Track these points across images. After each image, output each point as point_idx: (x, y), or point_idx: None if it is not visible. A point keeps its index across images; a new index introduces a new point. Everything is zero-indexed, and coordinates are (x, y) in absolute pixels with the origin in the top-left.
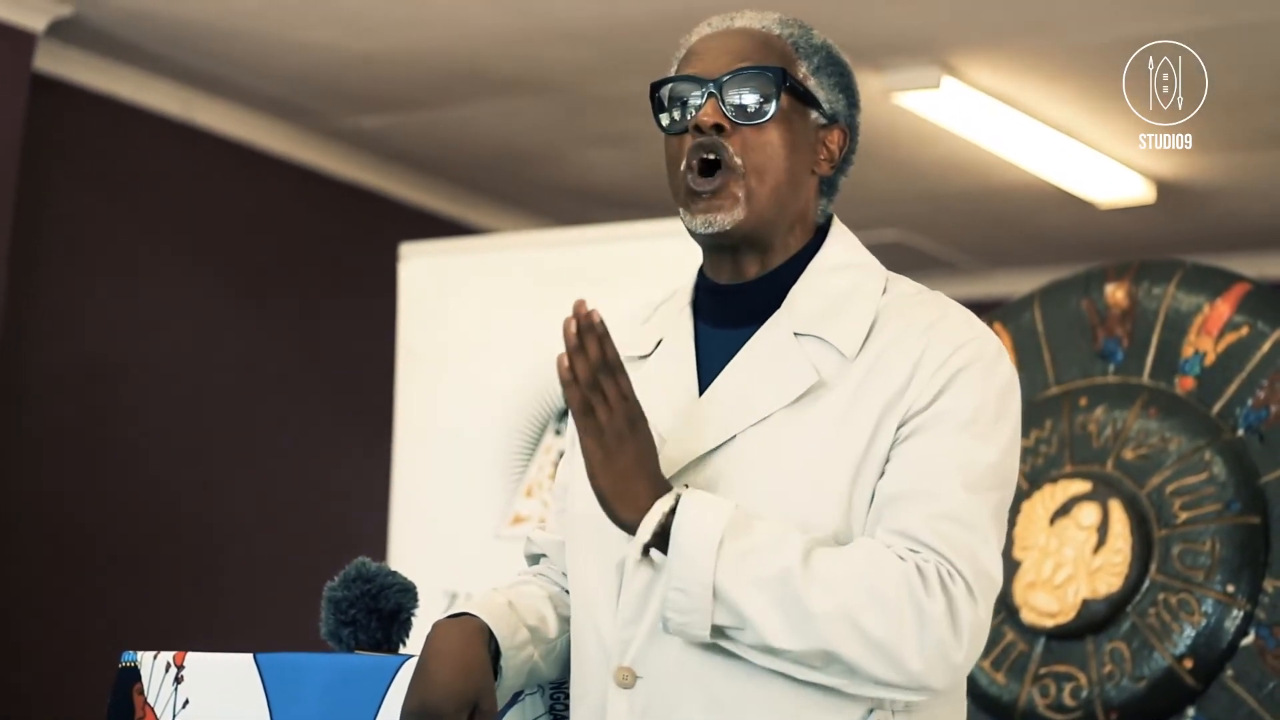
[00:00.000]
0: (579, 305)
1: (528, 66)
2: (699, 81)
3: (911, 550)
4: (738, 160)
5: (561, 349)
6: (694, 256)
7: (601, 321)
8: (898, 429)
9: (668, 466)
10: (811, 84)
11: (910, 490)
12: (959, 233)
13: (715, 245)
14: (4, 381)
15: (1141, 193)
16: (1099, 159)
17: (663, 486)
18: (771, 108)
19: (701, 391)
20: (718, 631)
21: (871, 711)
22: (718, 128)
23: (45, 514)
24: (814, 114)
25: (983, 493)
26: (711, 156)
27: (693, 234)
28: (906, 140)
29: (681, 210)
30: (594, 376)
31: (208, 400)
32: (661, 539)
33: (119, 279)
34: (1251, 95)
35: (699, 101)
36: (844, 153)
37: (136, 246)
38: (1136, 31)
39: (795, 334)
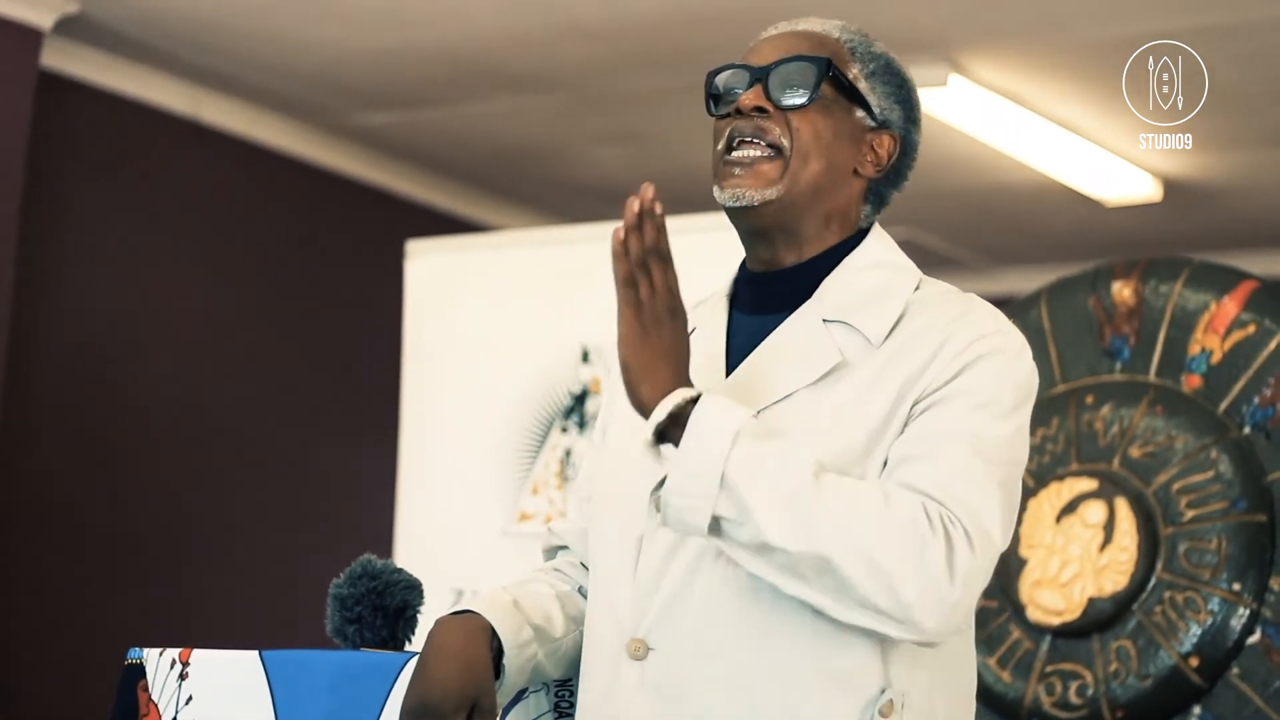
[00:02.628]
0: (645, 189)
1: (535, 64)
2: (748, 69)
3: (917, 496)
4: (784, 141)
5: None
6: (701, 254)
7: (663, 214)
8: (913, 406)
9: None
10: (863, 85)
11: (921, 454)
12: (966, 230)
13: (744, 225)
14: (10, 377)
15: (1148, 191)
16: (1106, 157)
17: (687, 381)
18: (812, 93)
19: (729, 374)
20: (715, 525)
21: (883, 691)
22: (759, 110)
23: (51, 510)
24: (860, 112)
25: (992, 462)
26: (749, 137)
27: (726, 212)
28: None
29: (715, 188)
30: (644, 257)
31: (214, 396)
32: (674, 431)
33: (126, 276)
34: (1259, 92)
35: (744, 89)
36: (894, 161)
37: (143, 243)
38: (1145, 29)
39: (824, 320)
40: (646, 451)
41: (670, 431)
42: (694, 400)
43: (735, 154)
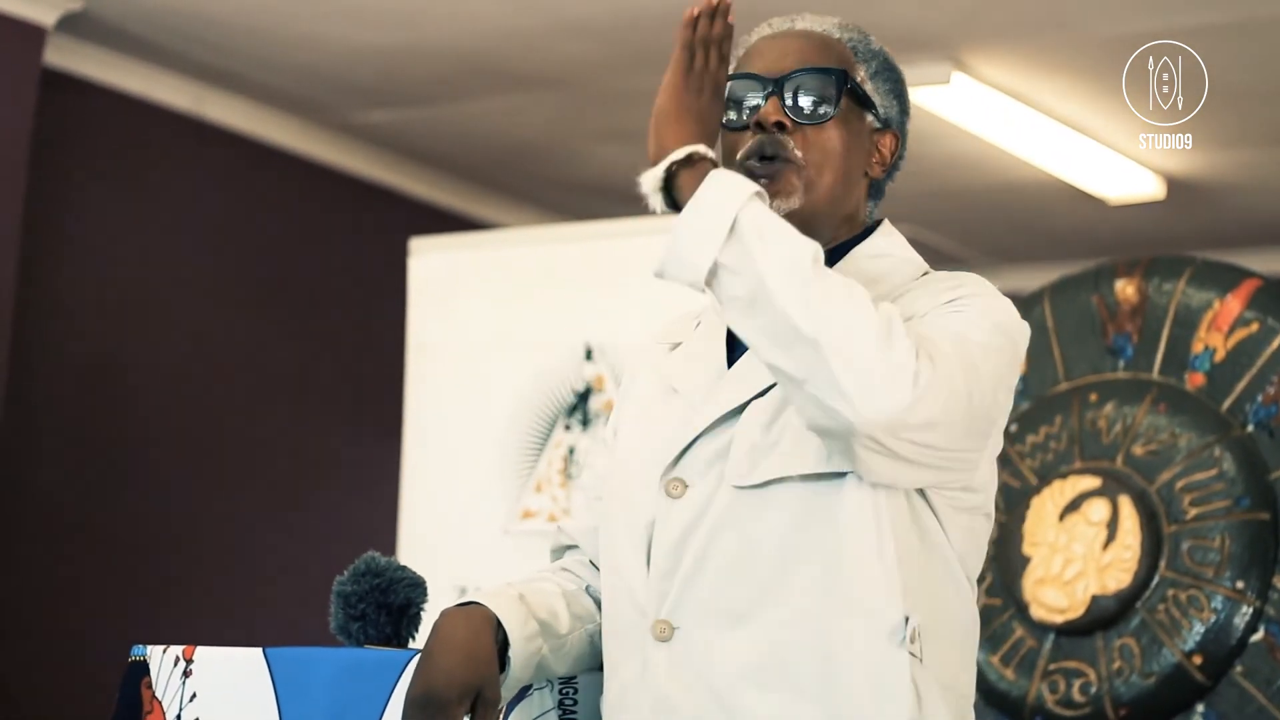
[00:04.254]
0: None
1: (538, 61)
2: (760, 80)
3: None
4: (799, 153)
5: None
6: None
7: (733, 25)
8: None
9: (689, 430)
10: (869, 88)
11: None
12: (969, 229)
13: None
14: (13, 375)
15: (1152, 189)
16: (1109, 155)
17: (711, 144)
18: (832, 108)
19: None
20: (712, 273)
21: (907, 620)
22: (779, 125)
23: (53, 506)
24: (870, 117)
25: (969, 351)
26: (771, 153)
27: None
28: (917, 136)
29: None
30: (707, 41)
31: (217, 394)
32: (684, 185)
33: (129, 273)
34: (1263, 90)
35: (759, 100)
36: (894, 157)
37: (146, 240)
38: (1148, 27)
39: None
40: (652, 198)
41: (682, 183)
42: (714, 163)
43: (763, 167)
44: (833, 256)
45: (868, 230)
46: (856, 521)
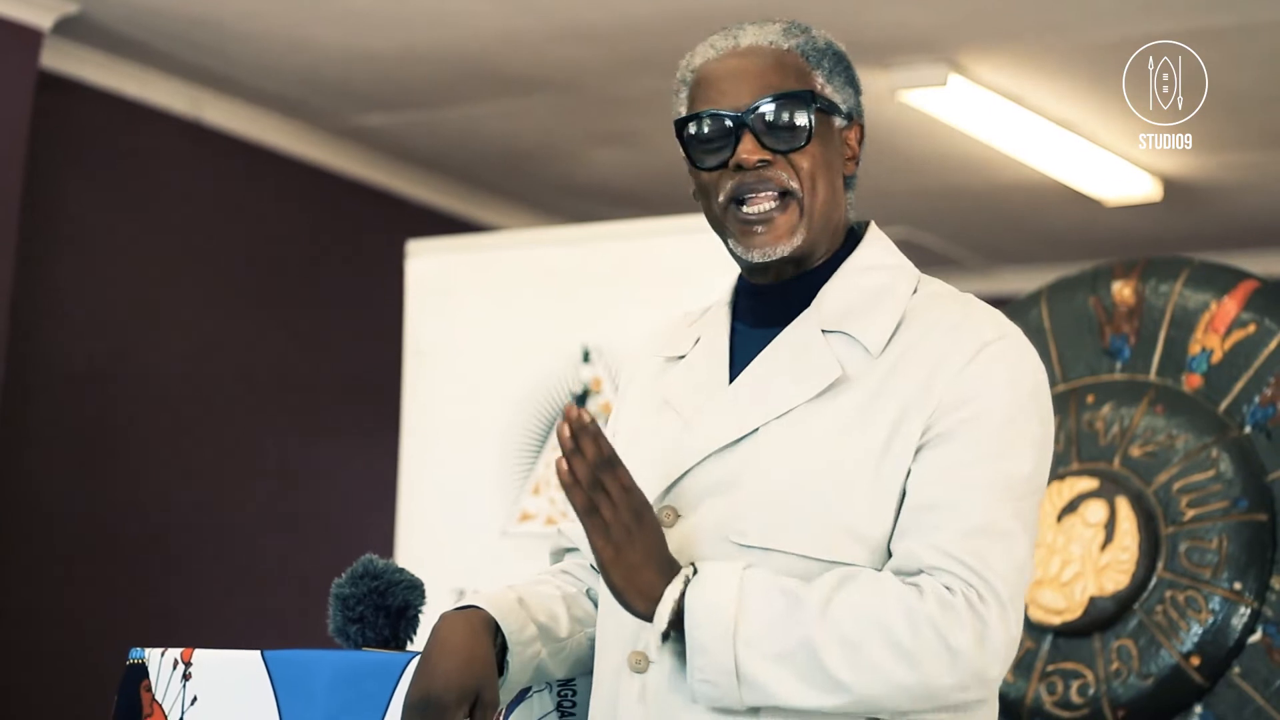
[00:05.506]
0: (569, 409)
1: (534, 65)
2: (724, 116)
3: (940, 568)
4: (794, 185)
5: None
6: (698, 254)
7: (593, 421)
8: (923, 434)
9: (692, 455)
10: (829, 91)
11: (939, 501)
12: (965, 230)
13: (768, 269)
14: (10, 378)
15: (1148, 190)
16: (1106, 157)
17: (672, 572)
18: (808, 133)
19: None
20: (751, 713)
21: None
22: (763, 163)
23: (51, 512)
24: (837, 120)
25: (1013, 501)
26: (762, 191)
27: (738, 258)
28: (913, 137)
29: (730, 242)
30: (594, 475)
31: (214, 397)
32: (678, 624)
33: (126, 276)
34: (1259, 93)
35: (729, 140)
36: (860, 145)
37: (143, 244)
38: (1145, 30)
39: (823, 331)
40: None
41: (676, 624)
42: (685, 585)
43: (749, 210)
44: (825, 271)
45: (853, 234)
46: None
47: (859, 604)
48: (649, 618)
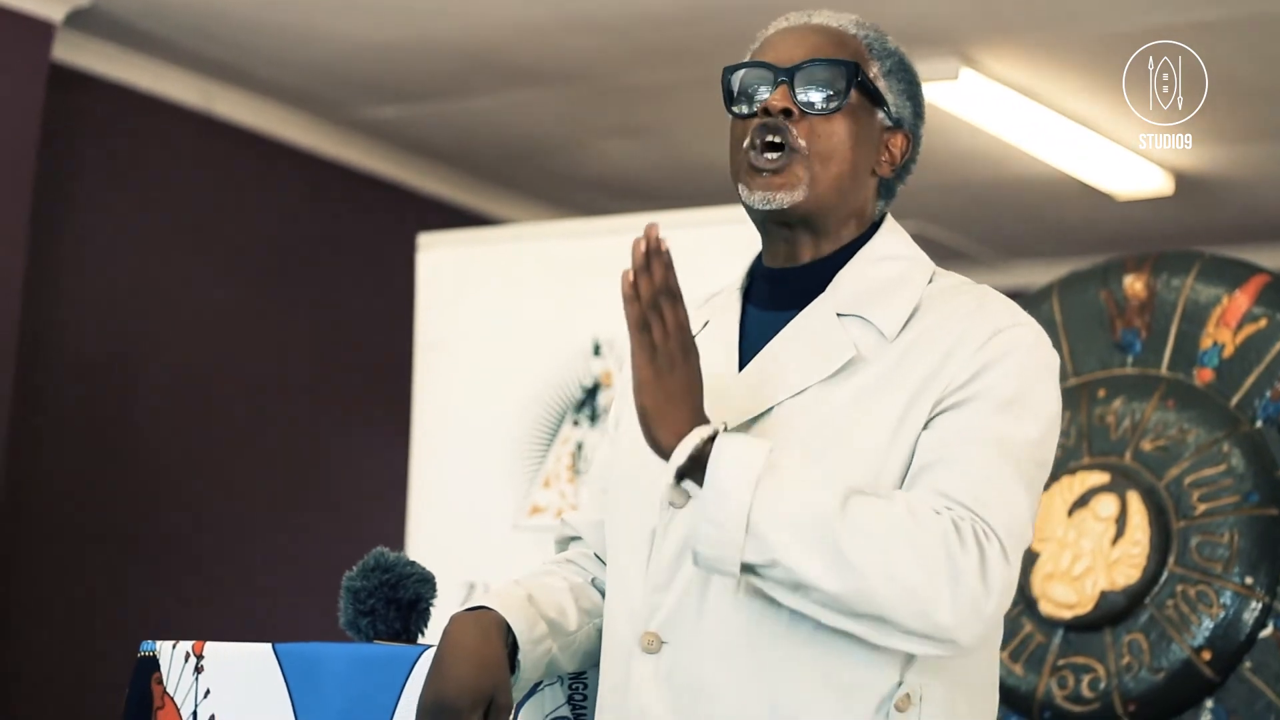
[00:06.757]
0: (650, 229)
1: (546, 57)
2: (771, 69)
3: (948, 507)
4: (802, 143)
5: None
6: (710, 247)
7: (668, 251)
8: (933, 408)
9: None
10: (881, 85)
11: (946, 458)
12: (977, 224)
13: (771, 223)
14: (21, 369)
15: (1159, 184)
16: (1117, 151)
17: (703, 419)
18: (841, 100)
19: (742, 369)
20: (748, 568)
21: (899, 685)
22: (786, 113)
23: (62, 504)
24: (880, 114)
25: (1019, 464)
26: (776, 139)
27: (750, 210)
28: (925, 132)
29: (741, 187)
30: (655, 298)
31: (226, 391)
32: (695, 472)
33: (137, 269)
34: (1270, 86)
35: (768, 89)
36: (905, 159)
37: (154, 236)
38: (1155, 23)
39: (838, 314)
40: (671, 493)
41: (692, 472)
42: (711, 438)
43: (766, 159)
44: (841, 257)
45: (873, 227)
46: None
47: (882, 505)
48: (668, 453)
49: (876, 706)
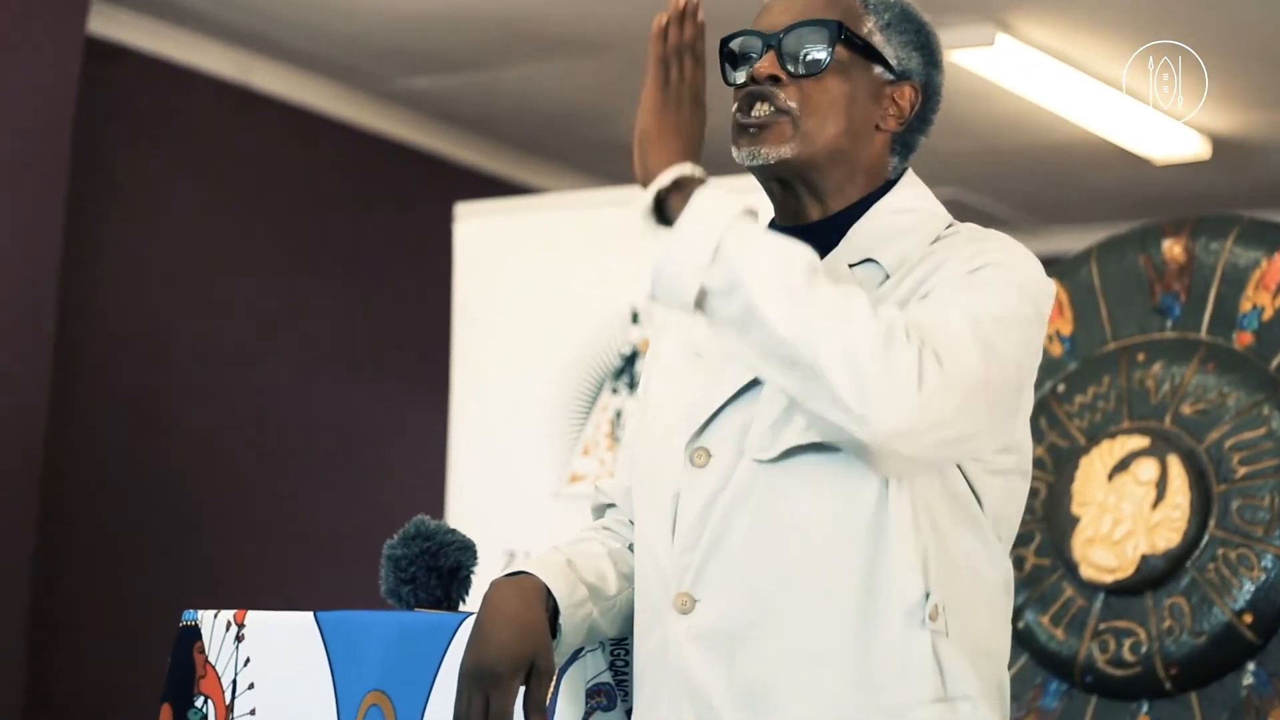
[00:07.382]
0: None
1: (582, 26)
2: (759, 35)
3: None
4: (792, 104)
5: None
6: None
7: (703, 22)
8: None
9: (720, 398)
10: (877, 40)
11: (914, 311)
12: (1015, 190)
13: (767, 180)
14: (61, 343)
15: (1197, 149)
16: (1155, 115)
17: (696, 159)
18: (825, 58)
19: None
20: (702, 296)
21: (928, 596)
22: (773, 79)
23: (104, 475)
24: (878, 69)
25: (979, 330)
26: (763, 103)
27: (751, 172)
28: (961, 98)
29: (733, 149)
30: (680, 49)
31: (265, 361)
32: (674, 206)
33: (175, 241)
34: None
35: (757, 55)
36: (916, 110)
37: (192, 209)
38: None
39: (850, 265)
40: (644, 222)
41: (672, 205)
42: (701, 181)
43: (749, 116)
44: (856, 211)
45: (891, 184)
46: (879, 498)
47: (847, 286)
48: (649, 180)
49: (909, 613)
